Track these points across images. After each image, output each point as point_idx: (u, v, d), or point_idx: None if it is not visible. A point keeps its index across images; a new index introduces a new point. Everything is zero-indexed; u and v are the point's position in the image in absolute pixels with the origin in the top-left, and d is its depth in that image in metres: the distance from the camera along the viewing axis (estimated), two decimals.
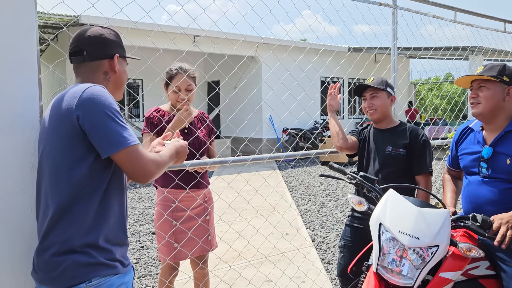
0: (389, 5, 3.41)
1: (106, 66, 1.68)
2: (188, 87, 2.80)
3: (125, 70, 1.76)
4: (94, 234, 1.51)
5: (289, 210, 6.68)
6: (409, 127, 2.78)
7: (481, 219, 1.99)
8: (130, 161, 1.48)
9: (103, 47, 1.66)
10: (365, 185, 2.32)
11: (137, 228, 5.88)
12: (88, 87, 1.51)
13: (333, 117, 2.89)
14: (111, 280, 1.53)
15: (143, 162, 1.50)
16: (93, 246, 1.51)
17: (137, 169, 1.50)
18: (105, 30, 1.70)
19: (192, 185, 2.76)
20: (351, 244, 2.80)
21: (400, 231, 1.93)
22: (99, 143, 1.47)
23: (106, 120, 1.46)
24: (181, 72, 2.77)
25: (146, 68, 3.47)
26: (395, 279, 1.91)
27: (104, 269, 1.52)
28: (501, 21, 4.59)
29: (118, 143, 1.46)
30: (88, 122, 1.46)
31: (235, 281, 3.83)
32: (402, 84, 14.11)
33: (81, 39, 1.65)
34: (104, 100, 1.48)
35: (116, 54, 1.69)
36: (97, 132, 1.46)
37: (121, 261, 1.60)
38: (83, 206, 1.49)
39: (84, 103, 1.47)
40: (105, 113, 1.47)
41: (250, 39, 10.75)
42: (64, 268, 1.46)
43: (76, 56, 1.65)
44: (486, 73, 2.21)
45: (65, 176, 1.49)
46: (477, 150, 2.29)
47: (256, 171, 4.16)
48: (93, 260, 1.49)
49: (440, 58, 6.76)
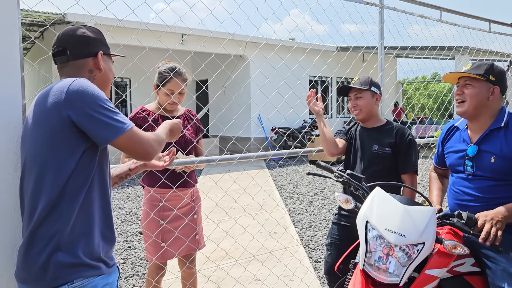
0: (375, 4, 3.42)
1: (90, 64, 1.66)
2: (182, 91, 2.78)
3: (110, 68, 1.75)
4: (80, 230, 1.50)
5: (277, 209, 6.68)
6: (395, 126, 2.80)
7: (466, 216, 2.00)
8: (132, 143, 1.54)
9: (86, 45, 1.65)
10: (352, 183, 2.33)
11: (125, 228, 5.84)
12: (73, 80, 1.50)
13: (321, 122, 2.82)
14: (94, 281, 1.51)
15: (144, 141, 1.57)
16: (79, 243, 1.49)
17: (140, 149, 1.56)
18: (87, 29, 1.69)
19: (179, 184, 2.74)
20: (338, 242, 2.81)
21: (386, 229, 1.93)
22: (97, 133, 1.49)
23: (100, 110, 1.48)
24: (176, 76, 2.74)
25: (135, 67, 3.43)
26: (382, 277, 1.92)
27: (87, 270, 1.50)
28: (486, 21, 4.64)
29: (116, 130, 1.49)
30: (82, 114, 1.46)
31: (222, 280, 3.82)
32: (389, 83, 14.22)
33: (63, 38, 1.65)
34: (92, 90, 1.49)
35: (100, 51, 1.68)
36: (93, 123, 1.47)
37: (105, 261, 1.58)
38: (69, 202, 1.48)
39: (74, 96, 1.46)
40: (97, 103, 1.48)
41: (238, 38, 10.74)
42: (47, 268, 1.44)
43: (60, 56, 1.64)
44: (473, 71, 2.23)
45: (53, 173, 1.47)
46: (462, 148, 2.31)
47: (243, 170, 4.15)
48: (77, 260, 1.48)
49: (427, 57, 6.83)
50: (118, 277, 1.69)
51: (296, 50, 10.98)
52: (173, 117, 2.84)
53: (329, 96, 16.59)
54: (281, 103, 3.82)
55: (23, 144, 1.59)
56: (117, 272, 1.67)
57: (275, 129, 13.48)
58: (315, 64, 4.30)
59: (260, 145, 12.12)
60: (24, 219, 1.55)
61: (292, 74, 3.81)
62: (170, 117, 2.82)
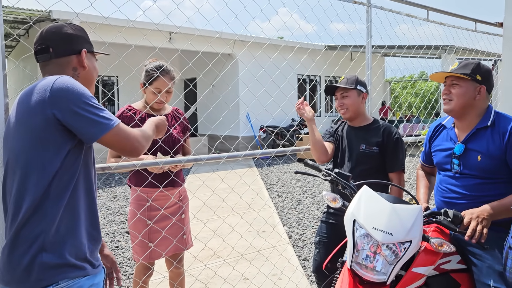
0: (363, 3, 3.43)
1: (74, 62, 1.64)
2: (169, 90, 2.75)
3: (94, 66, 1.73)
4: (65, 230, 1.48)
5: (265, 207, 6.68)
6: (382, 125, 2.80)
7: (452, 214, 2.02)
8: (119, 139, 1.54)
9: (69, 43, 1.63)
10: (339, 181, 2.33)
11: (112, 227, 5.78)
12: (57, 78, 1.48)
13: (312, 128, 2.77)
14: (80, 282, 1.49)
15: (131, 137, 1.58)
16: (64, 244, 1.47)
17: (127, 145, 1.57)
18: (70, 26, 1.67)
19: (166, 184, 2.72)
20: (327, 240, 2.82)
21: (373, 227, 1.94)
22: (83, 131, 1.47)
23: (85, 107, 1.47)
24: (163, 74, 2.71)
25: (122, 65, 3.40)
26: (369, 275, 1.93)
27: (73, 271, 1.48)
28: (472, 20, 4.68)
29: (103, 127, 1.49)
30: (67, 112, 1.44)
31: (210, 279, 3.81)
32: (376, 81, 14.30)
33: (45, 36, 1.62)
34: (77, 88, 1.48)
35: (84, 49, 1.66)
36: (79, 120, 1.46)
37: (90, 262, 1.56)
38: (54, 202, 1.46)
39: (58, 93, 1.44)
40: (82, 100, 1.46)
41: (226, 36, 10.70)
42: (32, 270, 1.42)
43: (42, 54, 1.61)
44: (460, 71, 2.25)
45: (38, 172, 1.44)
46: (449, 147, 2.33)
47: (231, 169, 4.14)
48: (62, 261, 1.45)
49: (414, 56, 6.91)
50: (104, 277, 1.67)
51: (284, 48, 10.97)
52: (160, 115, 2.81)
53: (317, 94, 16.64)
54: (269, 101, 3.82)
55: (5, 143, 1.56)
56: (102, 273, 1.65)
57: (263, 128, 13.49)
58: (303, 62, 4.30)
59: (248, 144, 12.13)
60: (7, 219, 1.52)
61: (280, 72, 3.81)
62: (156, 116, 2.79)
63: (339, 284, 2.04)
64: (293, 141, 13.41)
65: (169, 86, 2.74)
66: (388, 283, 1.92)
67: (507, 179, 2.18)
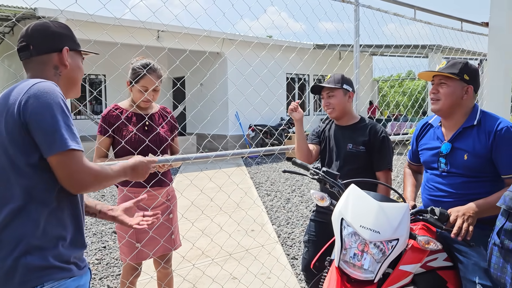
0: (351, 2, 3.44)
1: (55, 60, 1.59)
2: (156, 88, 2.72)
3: (78, 65, 1.67)
4: (50, 234, 1.45)
5: (254, 206, 6.68)
6: (369, 124, 2.80)
7: (439, 212, 2.03)
8: (62, 166, 1.39)
9: (50, 40, 1.58)
10: (327, 180, 2.33)
11: (99, 227, 5.73)
12: (36, 82, 1.44)
13: (299, 130, 2.82)
14: (65, 284, 1.46)
15: (77, 169, 1.40)
16: (48, 247, 1.44)
17: (67, 176, 1.40)
18: (53, 24, 1.62)
19: (154, 183, 2.69)
20: (316, 239, 2.82)
21: (361, 225, 1.94)
22: (39, 144, 1.39)
23: (49, 120, 1.38)
24: (150, 72, 2.69)
25: (110, 63, 3.36)
26: (357, 273, 1.93)
27: (58, 273, 1.45)
28: (458, 20, 4.73)
29: (55, 146, 1.37)
30: (31, 120, 1.38)
31: (199, 279, 3.79)
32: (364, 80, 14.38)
33: (27, 33, 1.58)
34: (50, 97, 1.40)
35: (66, 47, 1.61)
36: (38, 132, 1.38)
37: (76, 263, 1.54)
38: (37, 205, 1.43)
39: (29, 99, 1.39)
40: (49, 112, 1.38)
41: (214, 35, 10.66)
42: (15, 272, 1.39)
43: (23, 52, 1.58)
44: (448, 70, 2.26)
45: (17, 175, 1.41)
46: (436, 146, 2.35)
47: (220, 167, 4.13)
48: (46, 263, 1.43)
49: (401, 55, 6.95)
50: (90, 279, 1.65)
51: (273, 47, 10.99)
52: (147, 114, 2.79)
53: (306, 93, 16.67)
54: (257, 100, 3.82)
55: None
56: (88, 274, 1.63)
57: (252, 127, 13.48)
58: (291, 61, 4.29)
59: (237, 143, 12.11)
60: None
61: (269, 71, 3.80)
62: (144, 115, 2.77)
63: (327, 283, 2.04)
64: (282, 140, 13.43)
65: (156, 84, 2.71)
66: (376, 281, 1.92)
67: (492, 178, 2.20)
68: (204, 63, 12.09)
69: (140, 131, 2.70)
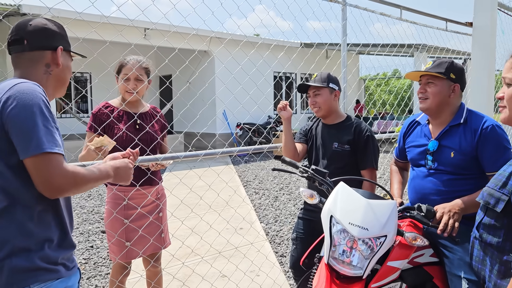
0: (338, 1, 3.47)
1: (48, 57, 1.58)
2: (138, 77, 2.70)
3: (69, 66, 1.67)
4: (35, 236, 1.43)
5: (243, 204, 6.70)
6: (354, 122, 2.82)
7: (425, 209, 2.07)
8: (37, 169, 1.34)
9: (46, 38, 1.57)
10: (316, 178, 2.35)
11: (86, 227, 5.69)
12: (18, 83, 1.42)
13: (287, 129, 2.87)
14: (52, 285, 1.44)
15: (52, 173, 1.34)
16: (33, 249, 1.42)
17: (41, 180, 1.35)
18: (49, 21, 1.61)
19: (143, 182, 2.69)
20: (304, 236, 2.85)
21: (350, 222, 1.97)
22: (16, 145, 1.36)
23: (26, 121, 1.34)
24: (132, 62, 2.69)
25: (96, 61, 3.34)
26: (346, 270, 1.96)
27: (44, 274, 1.43)
28: (443, 19, 4.80)
29: (30, 148, 1.33)
30: (9, 121, 1.35)
31: (188, 277, 3.79)
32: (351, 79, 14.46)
33: (22, 27, 1.55)
34: (30, 98, 1.38)
35: (60, 46, 1.60)
36: (15, 133, 1.35)
37: (64, 264, 1.52)
38: (21, 207, 1.40)
39: (8, 100, 1.37)
40: (27, 113, 1.35)
41: (202, 33, 10.64)
42: (1, 274, 1.36)
43: (16, 45, 1.55)
44: (435, 70, 2.30)
45: (5, 176, 1.39)
46: (423, 143, 2.39)
47: (209, 166, 4.13)
48: (32, 265, 1.40)
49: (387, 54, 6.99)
50: (79, 279, 1.63)
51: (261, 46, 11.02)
52: (136, 113, 2.78)
53: (294, 92, 16.72)
54: (246, 99, 3.83)
55: None
56: (77, 274, 1.61)
57: (240, 125, 13.48)
58: (279, 60, 4.31)
59: (225, 141, 12.10)
60: None
61: (257, 70, 3.82)
62: (133, 114, 2.76)
63: (316, 279, 2.07)
64: (270, 138, 13.46)
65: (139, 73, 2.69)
66: (364, 277, 1.95)
67: (478, 175, 2.25)
68: (192, 61, 12.06)
69: (131, 130, 2.69)
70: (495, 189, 1.56)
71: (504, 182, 1.52)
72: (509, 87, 1.57)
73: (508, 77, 1.57)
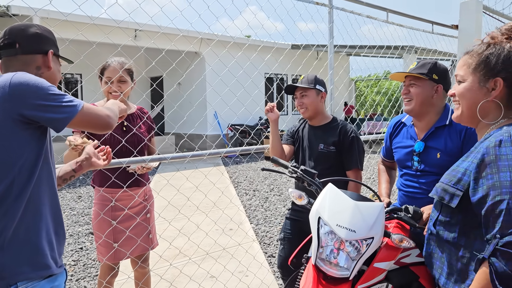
0: (325, 4, 3.49)
1: (39, 61, 1.65)
2: (121, 78, 2.68)
3: (59, 69, 1.75)
4: (26, 229, 1.45)
5: (231, 205, 6.69)
6: (340, 124, 2.85)
7: (412, 210, 2.09)
8: (89, 119, 1.59)
9: (37, 42, 1.65)
10: (305, 179, 2.36)
11: (76, 229, 5.65)
12: (14, 74, 1.48)
13: (274, 130, 2.89)
14: (39, 285, 1.46)
15: (101, 113, 1.64)
16: (24, 243, 1.44)
17: (99, 121, 1.63)
18: (39, 26, 1.69)
19: (131, 183, 2.68)
20: (291, 236, 2.86)
21: (337, 224, 1.98)
22: (51, 120, 1.48)
23: (49, 96, 1.47)
24: (114, 63, 2.68)
25: (86, 63, 3.32)
26: (333, 271, 1.97)
27: (32, 272, 1.44)
28: (429, 22, 4.85)
29: (72, 109, 1.52)
30: (32, 107, 1.44)
31: (176, 278, 3.79)
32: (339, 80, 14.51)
33: (14, 32, 1.61)
34: (34, 81, 1.48)
35: (51, 50, 1.68)
36: (47, 111, 1.47)
37: (55, 259, 1.54)
38: (15, 198, 1.42)
39: (19, 91, 1.44)
40: (43, 92, 1.47)
41: (192, 35, 10.61)
42: None
43: (7, 49, 1.60)
44: (417, 70, 2.32)
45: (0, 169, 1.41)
46: (410, 144, 2.40)
47: (196, 167, 4.12)
48: (21, 261, 1.42)
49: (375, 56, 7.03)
50: (65, 279, 1.64)
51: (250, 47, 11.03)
52: None
53: (282, 92, 16.73)
54: (233, 100, 3.84)
55: None
56: (64, 275, 1.62)
57: (230, 126, 13.48)
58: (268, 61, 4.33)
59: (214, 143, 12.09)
60: None
61: (245, 71, 3.82)
62: None
63: (303, 280, 2.08)
64: (259, 139, 13.47)
65: (122, 75, 2.68)
66: (351, 278, 1.97)
67: None
68: (182, 63, 12.05)
69: (118, 132, 2.68)
70: (449, 184, 1.57)
71: (459, 178, 1.53)
72: (460, 84, 1.59)
73: (459, 74, 1.60)
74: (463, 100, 1.59)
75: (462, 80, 1.59)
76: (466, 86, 1.57)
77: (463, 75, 1.58)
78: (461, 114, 1.61)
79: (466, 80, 1.57)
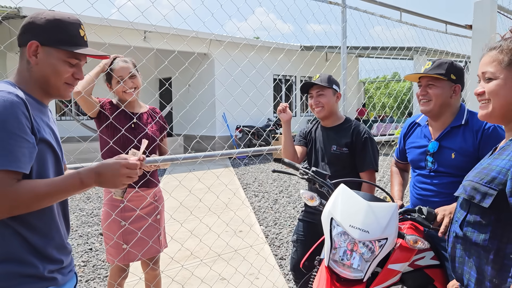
0: (338, 3, 3.47)
1: (25, 54, 1.46)
2: (132, 74, 2.69)
3: (52, 63, 1.45)
4: (32, 239, 1.38)
5: (242, 207, 6.68)
6: (353, 125, 2.82)
7: (426, 211, 2.06)
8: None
9: (26, 32, 1.45)
10: (317, 180, 2.34)
11: (85, 229, 5.67)
12: None
13: (287, 131, 2.86)
14: None
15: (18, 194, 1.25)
16: (30, 253, 1.37)
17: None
18: (39, 14, 1.47)
19: (141, 184, 2.68)
20: (304, 238, 2.83)
21: (350, 225, 1.95)
22: None
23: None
24: (119, 63, 2.68)
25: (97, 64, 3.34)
26: (346, 273, 1.94)
27: (37, 282, 1.37)
28: (442, 22, 4.80)
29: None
30: None
31: (187, 280, 3.78)
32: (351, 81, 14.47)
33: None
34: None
35: (33, 41, 1.43)
36: None
37: (60, 271, 1.47)
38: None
39: None
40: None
41: (202, 36, 10.65)
42: None
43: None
44: (435, 71, 2.28)
45: None
46: (423, 144, 2.37)
47: (208, 168, 4.11)
48: (25, 271, 1.35)
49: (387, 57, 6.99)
50: (76, 283, 1.59)
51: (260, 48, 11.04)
52: (135, 113, 2.77)
53: (293, 94, 16.73)
54: (245, 101, 3.83)
55: None
56: (74, 279, 1.57)
57: (239, 128, 13.48)
58: (279, 62, 4.30)
59: (225, 144, 12.08)
60: None
61: (257, 72, 3.81)
62: (131, 114, 2.75)
63: (316, 282, 2.05)
64: (270, 140, 13.45)
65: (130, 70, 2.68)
66: (365, 280, 1.94)
67: None
68: (192, 63, 12.08)
69: (126, 129, 2.68)
70: (480, 183, 1.46)
71: (493, 177, 1.42)
72: (490, 81, 1.50)
73: (489, 71, 1.51)
74: (496, 98, 1.49)
75: (493, 77, 1.50)
76: (499, 83, 1.48)
77: (494, 71, 1.49)
78: (492, 112, 1.51)
79: (498, 77, 1.48)
